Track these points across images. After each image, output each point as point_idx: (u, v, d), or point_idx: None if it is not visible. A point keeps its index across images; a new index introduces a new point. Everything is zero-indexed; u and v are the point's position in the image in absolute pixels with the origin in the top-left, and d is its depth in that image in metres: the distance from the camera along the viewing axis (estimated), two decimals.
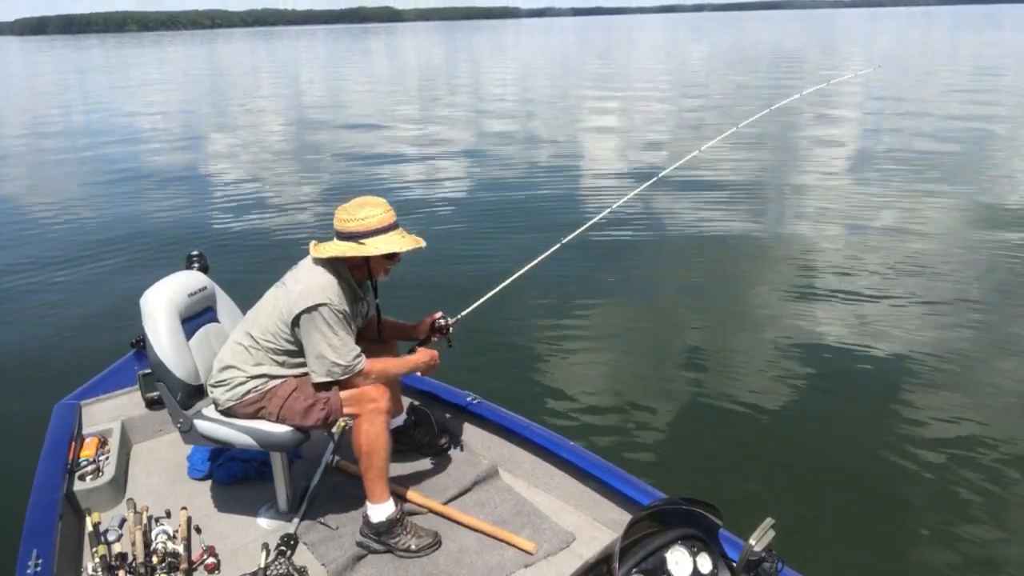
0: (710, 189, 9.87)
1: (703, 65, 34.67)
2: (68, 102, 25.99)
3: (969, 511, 3.46)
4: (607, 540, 2.12)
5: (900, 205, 8.82)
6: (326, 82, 31.79)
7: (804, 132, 14.53)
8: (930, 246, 7.20)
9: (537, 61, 43.10)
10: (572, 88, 24.68)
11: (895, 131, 14.26)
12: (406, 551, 2.67)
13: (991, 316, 5.62)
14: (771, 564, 1.93)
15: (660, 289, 6.48)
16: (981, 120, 14.94)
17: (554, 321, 5.70)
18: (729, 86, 23.49)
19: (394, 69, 39.83)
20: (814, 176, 10.61)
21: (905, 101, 18.19)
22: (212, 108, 22.19)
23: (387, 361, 2.80)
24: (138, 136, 16.51)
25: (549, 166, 11.78)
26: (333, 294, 2.61)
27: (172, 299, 2.83)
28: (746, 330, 5.56)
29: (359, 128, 16.68)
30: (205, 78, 36.09)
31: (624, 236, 7.86)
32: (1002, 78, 23.63)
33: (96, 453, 3.12)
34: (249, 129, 17.11)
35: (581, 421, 4.31)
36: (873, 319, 5.57)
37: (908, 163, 11.01)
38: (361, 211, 2.64)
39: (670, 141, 13.94)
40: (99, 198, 10.35)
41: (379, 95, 24.86)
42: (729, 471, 3.85)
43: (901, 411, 4.33)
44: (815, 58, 36.34)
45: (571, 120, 16.95)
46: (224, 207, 9.66)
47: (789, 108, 16.71)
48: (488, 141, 14.43)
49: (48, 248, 7.95)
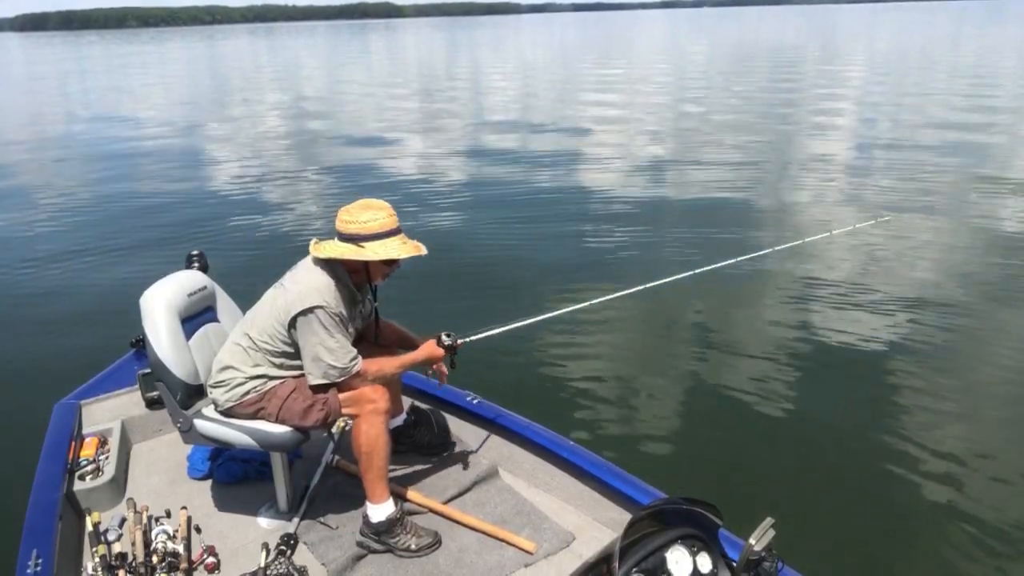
0: (709, 177, 9.87)
1: (705, 65, 34.60)
2: (66, 101, 25.96)
3: (969, 511, 3.46)
4: (607, 540, 2.12)
5: (901, 205, 8.81)
6: (326, 79, 31.76)
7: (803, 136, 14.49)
8: (929, 252, 7.19)
9: (540, 60, 42.96)
10: (576, 90, 24.60)
11: (895, 135, 14.21)
12: (406, 551, 2.67)
13: (991, 319, 5.63)
14: (771, 564, 1.93)
15: (660, 289, 6.45)
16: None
17: (554, 321, 5.69)
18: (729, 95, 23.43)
19: (394, 66, 39.79)
20: (814, 179, 10.60)
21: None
22: (212, 106, 22.17)
23: (383, 360, 2.77)
24: (138, 134, 16.51)
25: (559, 175, 11.24)
26: (330, 296, 2.60)
27: (172, 299, 2.83)
28: (746, 330, 5.55)
29: (361, 128, 16.66)
30: (205, 75, 36.07)
31: (624, 236, 7.86)
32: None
33: (96, 453, 3.12)
34: (250, 128, 17.09)
35: (581, 421, 4.32)
36: (874, 320, 5.57)
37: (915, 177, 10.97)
38: (363, 214, 2.63)
39: (664, 131, 13.94)
40: (99, 197, 10.34)
41: (379, 94, 24.84)
42: (729, 471, 3.85)
43: (901, 412, 4.32)
44: (813, 58, 36.28)
45: (577, 121, 16.84)
46: (224, 206, 9.66)
47: (788, 118, 16.73)
48: (497, 142, 14.29)
49: (48, 247, 7.95)
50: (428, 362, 2.87)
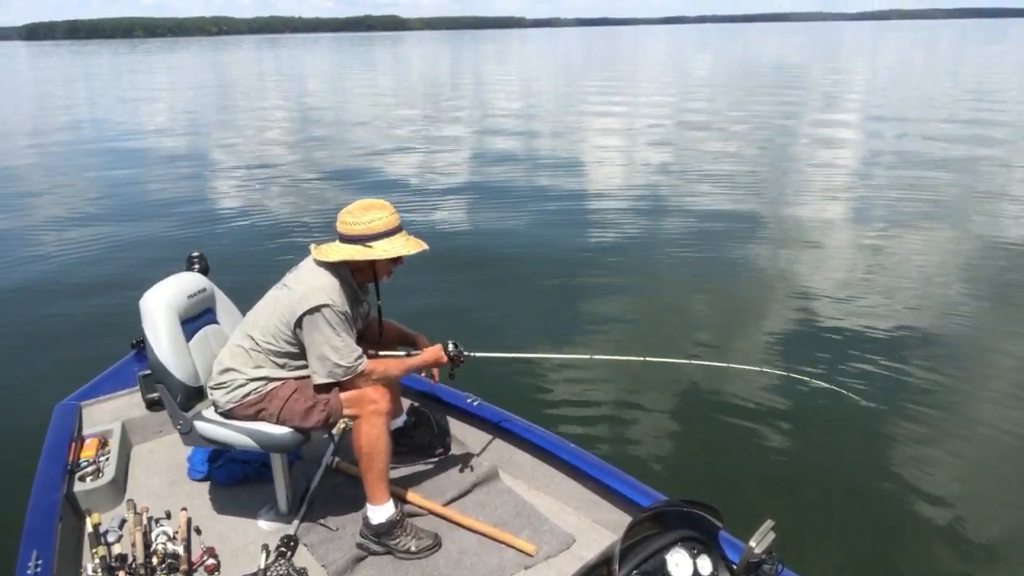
0: (711, 183, 9.90)
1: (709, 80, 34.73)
2: (70, 106, 26.05)
3: (969, 513, 3.44)
4: (607, 542, 2.11)
5: (901, 209, 8.82)
6: (329, 90, 31.89)
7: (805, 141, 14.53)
8: (930, 259, 7.19)
9: (544, 73, 43.16)
10: (580, 102, 24.68)
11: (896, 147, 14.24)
12: (406, 552, 2.66)
13: (994, 327, 5.61)
14: (771, 566, 1.93)
15: (660, 288, 6.49)
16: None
17: (554, 322, 5.71)
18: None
19: (398, 78, 39.98)
20: (815, 192, 10.61)
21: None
22: (215, 113, 22.25)
23: (388, 361, 2.79)
24: (141, 137, 16.60)
25: (556, 178, 11.36)
26: (335, 295, 2.61)
27: (172, 301, 2.82)
28: (747, 331, 5.56)
29: (361, 134, 16.69)
30: (210, 84, 36.21)
31: (624, 235, 7.87)
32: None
33: (96, 454, 3.12)
34: (251, 133, 17.15)
35: (581, 423, 4.30)
36: (874, 324, 5.56)
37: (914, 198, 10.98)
38: (367, 214, 2.64)
39: (666, 140, 13.99)
40: (100, 198, 10.38)
41: (383, 103, 24.93)
42: (729, 473, 3.84)
43: (901, 414, 4.31)
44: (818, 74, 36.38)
45: (581, 135, 16.86)
46: (226, 208, 9.69)
47: (789, 130, 16.78)
48: (495, 151, 14.38)
49: (48, 247, 7.97)
50: (431, 367, 2.91)
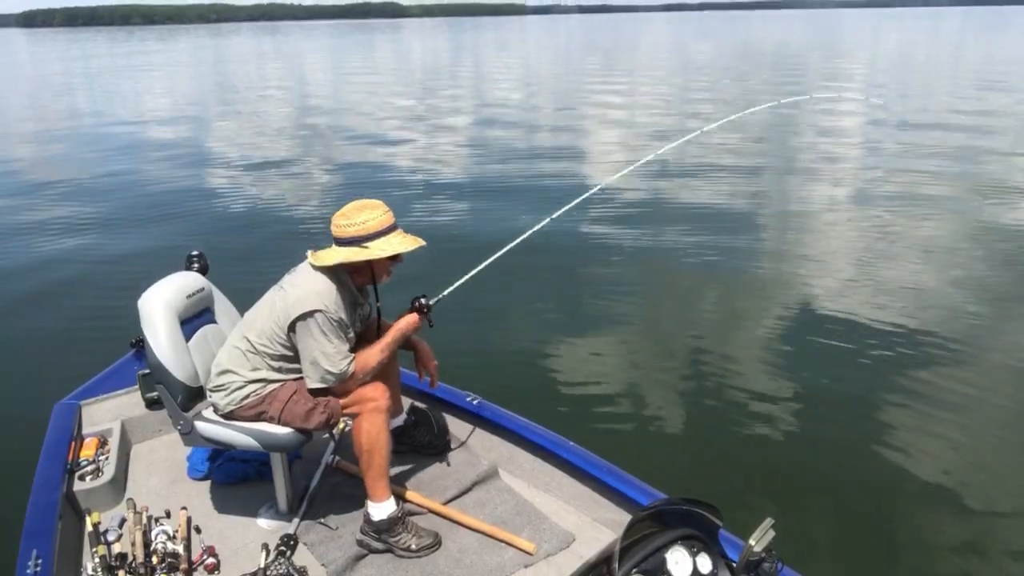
0: (712, 176, 9.86)
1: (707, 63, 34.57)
2: (68, 97, 25.93)
3: (970, 512, 3.45)
4: (607, 540, 2.12)
5: (898, 201, 8.79)
6: (329, 81, 31.72)
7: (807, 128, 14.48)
8: (931, 253, 7.18)
9: (544, 61, 42.96)
10: (576, 82, 24.59)
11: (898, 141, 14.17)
12: (406, 550, 2.66)
13: (994, 321, 5.62)
14: (771, 564, 1.93)
15: (661, 288, 6.47)
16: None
17: (554, 321, 5.70)
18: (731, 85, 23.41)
19: (398, 65, 39.81)
20: (813, 186, 10.58)
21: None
22: (214, 107, 22.14)
23: (368, 351, 2.72)
24: (139, 134, 16.50)
25: (538, 148, 11.67)
26: (330, 301, 2.59)
27: (170, 301, 2.81)
28: (747, 330, 5.55)
29: (362, 129, 16.60)
30: (208, 75, 36.04)
31: (624, 235, 7.85)
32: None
33: (96, 453, 3.12)
34: (251, 129, 17.05)
35: (581, 421, 4.31)
36: (874, 322, 5.55)
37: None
38: (360, 215, 2.62)
39: (667, 129, 13.96)
40: (100, 197, 10.33)
41: (382, 92, 24.84)
42: (729, 471, 3.84)
43: (902, 413, 4.31)
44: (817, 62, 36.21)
45: (573, 111, 16.82)
46: (225, 207, 9.64)
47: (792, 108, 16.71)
48: (494, 142, 14.34)
49: (48, 246, 7.95)
50: (407, 333, 2.85)
